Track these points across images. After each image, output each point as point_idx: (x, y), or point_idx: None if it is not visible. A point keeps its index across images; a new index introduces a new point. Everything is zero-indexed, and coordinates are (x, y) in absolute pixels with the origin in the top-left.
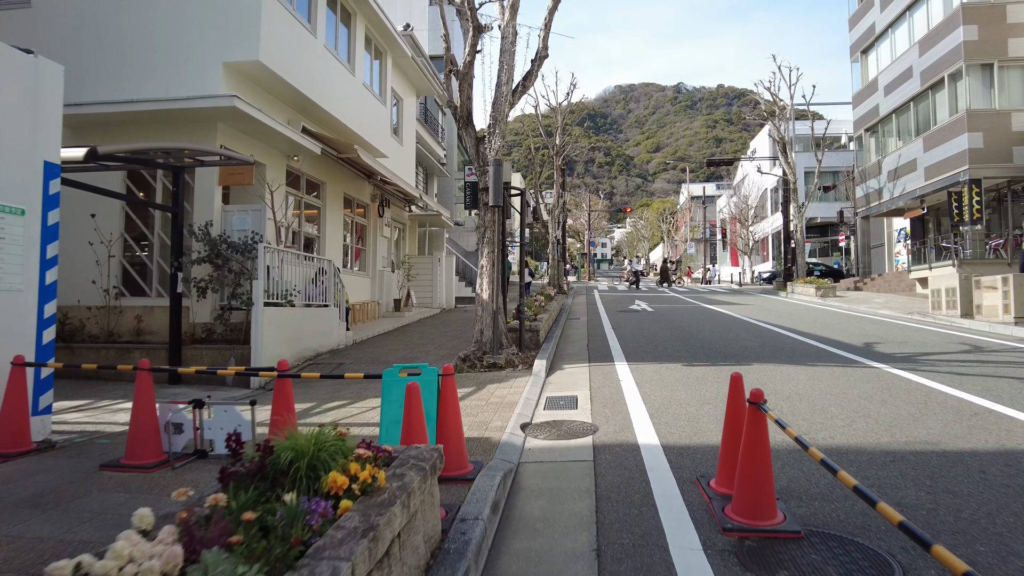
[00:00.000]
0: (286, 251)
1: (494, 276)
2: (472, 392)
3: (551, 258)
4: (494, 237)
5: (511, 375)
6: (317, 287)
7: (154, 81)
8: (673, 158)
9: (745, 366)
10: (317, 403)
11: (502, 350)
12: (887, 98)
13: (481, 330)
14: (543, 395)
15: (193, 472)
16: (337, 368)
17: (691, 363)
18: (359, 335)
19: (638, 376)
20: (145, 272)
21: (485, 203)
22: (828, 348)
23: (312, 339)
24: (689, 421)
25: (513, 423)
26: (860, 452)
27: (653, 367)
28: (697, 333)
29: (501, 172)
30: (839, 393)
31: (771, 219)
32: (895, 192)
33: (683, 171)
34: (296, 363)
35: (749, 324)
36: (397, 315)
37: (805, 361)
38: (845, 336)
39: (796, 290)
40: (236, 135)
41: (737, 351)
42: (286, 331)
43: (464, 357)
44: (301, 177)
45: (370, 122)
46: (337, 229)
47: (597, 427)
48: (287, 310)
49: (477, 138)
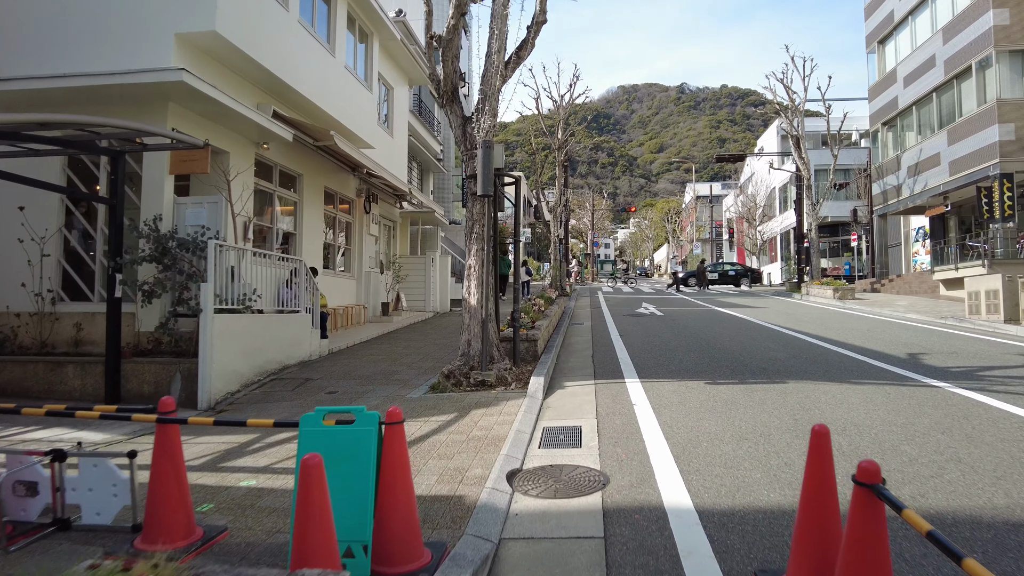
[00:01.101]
0: (246, 249)
1: (483, 277)
2: (451, 422)
3: (553, 258)
4: (483, 232)
5: (502, 396)
6: (291, 290)
7: (100, 56)
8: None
9: (779, 384)
10: (243, 441)
11: (493, 364)
12: (907, 90)
13: (468, 341)
14: (539, 424)
15: (39, 556)
16: (302, 385)
17: (715, 380)
18: (338, 343)
19: (654, 398)
20: (87, 273)
21: (473, 192)
22: (869, 360)
23: (278, 350)
24: (727, 467)
25: (498, 470)
26: (974, 522)
27: (671, 386)
28: (715, 341)
29: (492, 156)
30: (906, 423)
31: (779, 218)
32: (915, 189)
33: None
34: (257, 378)
35: (770, 330)
36: (384, 320)
37: (848, 377)
38: (882, 345)
39: (811, 291)
40: (193, 118)
41: (765, 364)
42: (244, 341)
43: (448, 373)
44: (274, 168)
45: (353, 109)
46: (317, 226)
47: (608, 477)
48: (246, 317)
49: (464, 117)
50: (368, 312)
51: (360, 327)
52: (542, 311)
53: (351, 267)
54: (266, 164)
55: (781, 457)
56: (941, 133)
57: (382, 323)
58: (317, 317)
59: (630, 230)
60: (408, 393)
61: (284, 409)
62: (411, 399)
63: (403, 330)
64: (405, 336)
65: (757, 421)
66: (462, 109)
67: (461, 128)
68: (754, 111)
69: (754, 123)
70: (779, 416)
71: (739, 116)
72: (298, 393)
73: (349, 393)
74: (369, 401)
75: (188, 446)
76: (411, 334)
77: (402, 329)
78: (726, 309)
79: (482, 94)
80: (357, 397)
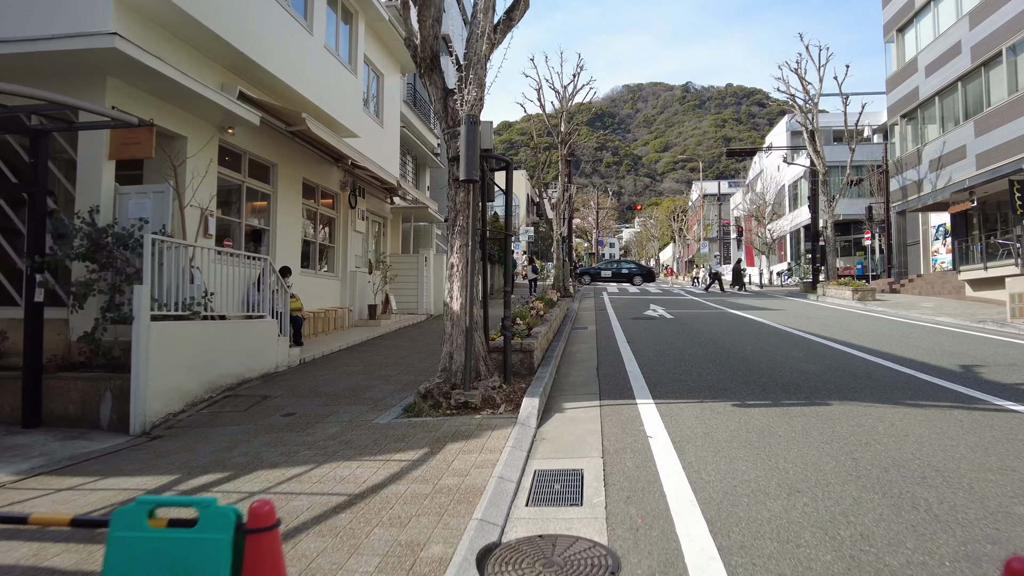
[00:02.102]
0: (195, 245)
1: (468, 278)
2: (417, 462)
3: (556, 257)
4: (467, 225)
5: (487, 424)
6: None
7: (31, 23)
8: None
9: (821, 407)
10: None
11: (479, 382)
12: (929, 79)
13: (450, 353)
14: (530, 464)
15: None
16: (257, 405)
17: (743, 401)
18: (313, 351)
19: (673, 426)
20: (15, 274)
21: (455, 178)
22: (918, 375)
23: (237, 361)
24: (782, 541)
25: (467, 547)
26: None
27: (691, 409)
28: (734, 350)
29: (477, 134)
30: (1003, 467)
31: (789, 216)
32: (938, 184)
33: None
34: (208, 394)
35: (793, 336)
36: (371, 324)
37: (900, 398)
38: (925, 354)
39: (828, 292)
40: (141, 97)
41: (797, 379)
42: (191, 353)
43: (426, 393)
44: (243, 156)
45: (334, 93)
46: (294, 221)
47: (618, 560)
48: (194, 325)
49: (445, 88)
50: (353, 315)
51: (343, 332)
52: (540, 315)
53: (334, 267)
54: (233, 152)
55: (852, 524)
56: (967, 124)
57: (368, 327)
58: (286, 322)
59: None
60: (375, 418)
61: (227, 437)
62: (377, 426)
63: (390, 335)
64: (391, 343)
65: (807, 462)
66: (443, 80)
67: (442, 102)
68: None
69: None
70: (833, 454)
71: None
72: (250, 415)
73: (307, 416)
74: (327, 428)
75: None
76: (398, 340)
77: (389, 334)
78: (740, 312)
79: (466, 60)
80: (315, 422)
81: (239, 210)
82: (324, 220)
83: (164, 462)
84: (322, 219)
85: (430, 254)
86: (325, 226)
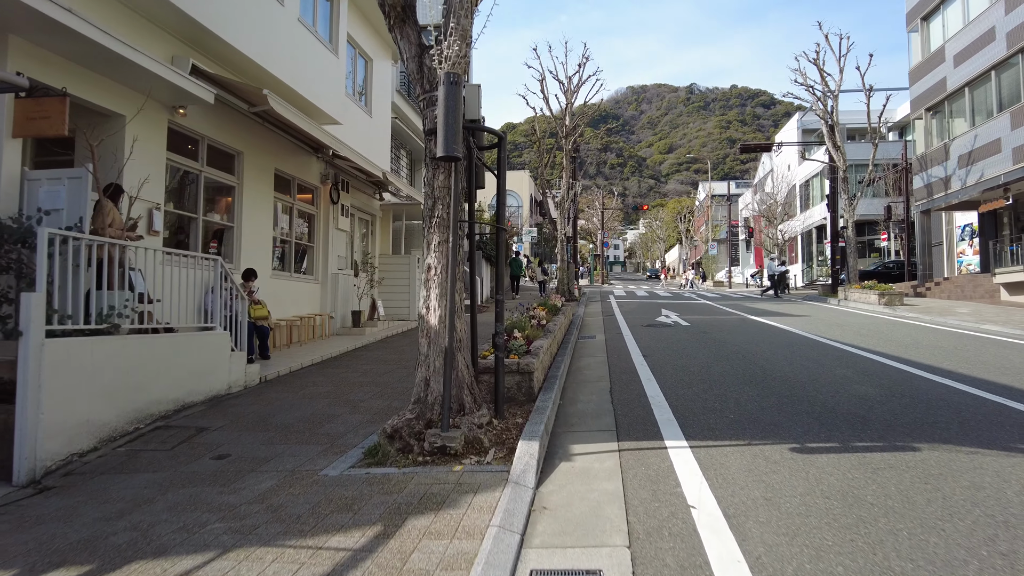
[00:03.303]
0: (113, 242)
1: (448, 285)
2: (361, 555)
3: (560, 259)
4: (447, 216)
5: (468, 482)
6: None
7: None
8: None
9: (908, 453)
10: None
11: (462, 417)
12: (957, 69)
13: (426, 380)
14: (524, 562)
15: None
16: (187, 441)
17: (802, 442)
18: (277, 367)
19: (722, 488)
20: None
21: (432, 156)
22: (1008, 402)
23: (174, 383)
24: None
25: None
26: None
27: (739, 456)
28: (769, 366)
29: (459, 97)
30: None
31: (801, 217)
32: (968, 180)
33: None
34: (135, 425)
35: (832, 348)
36: (355, 333)
37: (1006, 438)
38: (998, 373)
39: (850, 296)
40: (62, 65)
41: (857, 406)
42: (107, 376)
43: (393, 432)
44: (201, 142)
45: (310, 74)
46: (264, 217)
47: None
48: (112, 341)
49: (420, 44)
50: (335, 323)
51: (322, 342)
52: (542, 325)
53: (314, 268)
54: (187, 136)
55: None
56: (1002, 116)
57: (351, 336)
58: (243, 334)
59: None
60: (325, 466)
61: (129, 493)
62: (324, 481)
63: (374, 346)
64: (372, 355)
65: (932, 556)
66: (418, 33)
67: (417, 60)
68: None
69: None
70: (964, 542)
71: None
72: (175, 456)
73: (243, 459)
74: (260, 481)
75: None
76: (381, 352)
77: (373, 345)
78: (762, 318)
79: (446, 7)
80: (249, 470)
81: (196, 203)
82: (302, 217)
83: (19, 540)
84: (299, 215)
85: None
86: (305, 222)
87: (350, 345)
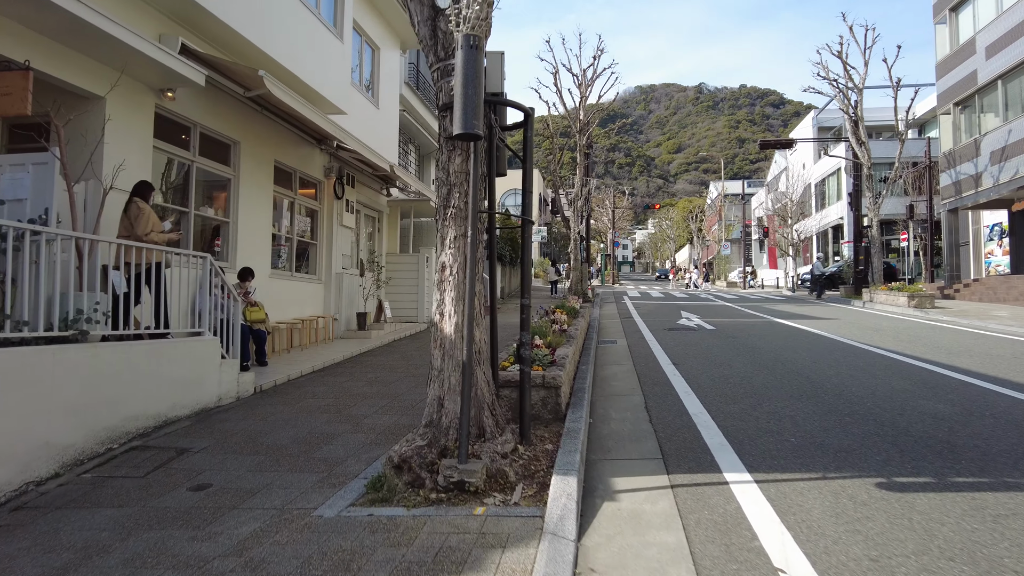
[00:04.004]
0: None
1: (466, 287)
2: None
3: (573, 258)
4: (465, 205)
5: (492, 532)
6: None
7: None
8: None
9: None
10: None
11: (482, 444)
12: (990, 61)
13: (439, 399)
14: None
15: None
16: (164, 466)
17: (887, 475)
18: (274, 375)
19: (810, 542)
20: None
21: (447, 134)
22: None
23: (155, 396)
24: None
25: None
26: None
27: (818, 494)
28: (815, 377)
29: (481, 66)
30: None
31: (816, 216)
32: (1001, 178)
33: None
34: (107, 446)
35: (877, 356)
36: (361, 336)
37: None
38: None
39: (876, 299)
40: (35, 40)
41: (934, 428)
42: (72, 390)
43: (400, 461)
44: (192, 129)
45: (312, 58)
46: (263, 212)
47: None
48: (78, 350)
49: (434, 6)
50: (340, 326)
51: (324, 346)
52: (564, 331)
53: (317, 268)
54: (177, 123)
55: None
56: None
57: (356, 340)
58: (236, 339)
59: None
60: (320, 504)
61: (81, 539)
62: (317, 525)
63: (380, 351)
64: (379, 361)
65: None
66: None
67: (430, 24)
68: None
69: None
70: None
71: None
72: (147, 486)
73: (224, 492)
74: (241, 523)
75: None
76: (388, 357)
77: (379, 349)
78: (789, 321)
79: None
80: (231, 507)
81: (187, 196)
82: (304, 212)
83: None
84: (301, 211)
85: (432, 254)
86: (307, 218)
87: (355, 350)
